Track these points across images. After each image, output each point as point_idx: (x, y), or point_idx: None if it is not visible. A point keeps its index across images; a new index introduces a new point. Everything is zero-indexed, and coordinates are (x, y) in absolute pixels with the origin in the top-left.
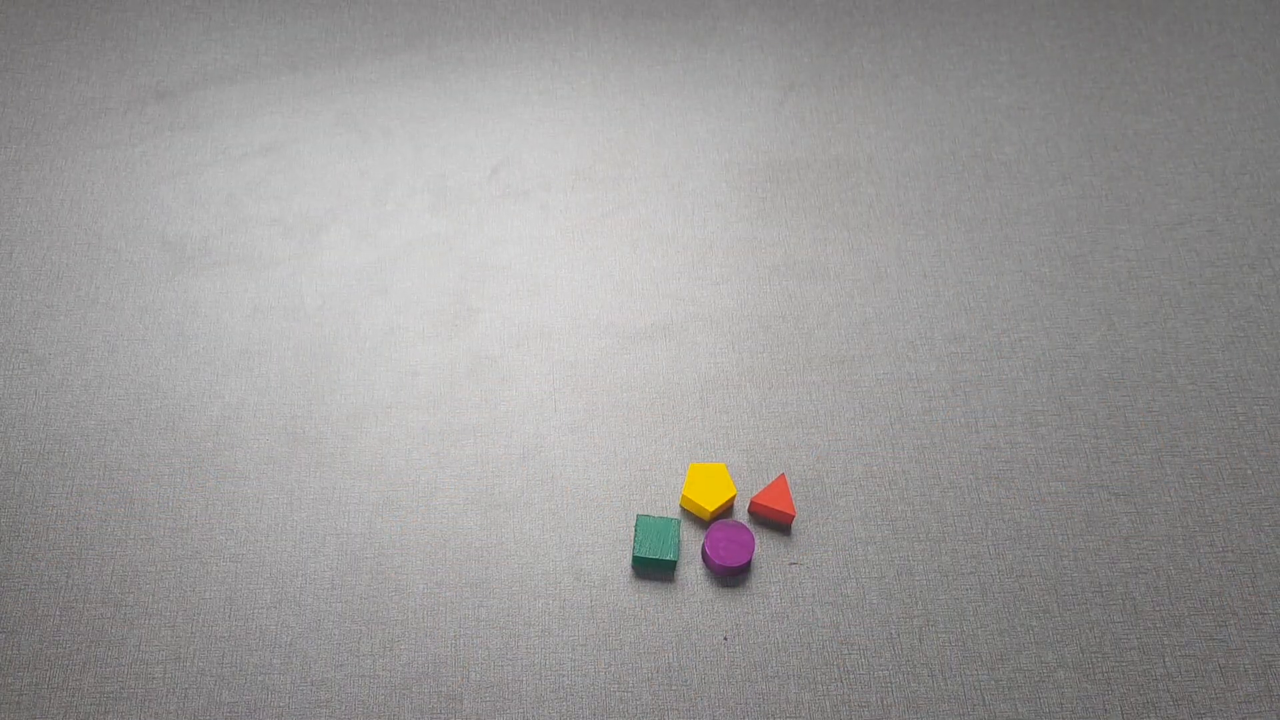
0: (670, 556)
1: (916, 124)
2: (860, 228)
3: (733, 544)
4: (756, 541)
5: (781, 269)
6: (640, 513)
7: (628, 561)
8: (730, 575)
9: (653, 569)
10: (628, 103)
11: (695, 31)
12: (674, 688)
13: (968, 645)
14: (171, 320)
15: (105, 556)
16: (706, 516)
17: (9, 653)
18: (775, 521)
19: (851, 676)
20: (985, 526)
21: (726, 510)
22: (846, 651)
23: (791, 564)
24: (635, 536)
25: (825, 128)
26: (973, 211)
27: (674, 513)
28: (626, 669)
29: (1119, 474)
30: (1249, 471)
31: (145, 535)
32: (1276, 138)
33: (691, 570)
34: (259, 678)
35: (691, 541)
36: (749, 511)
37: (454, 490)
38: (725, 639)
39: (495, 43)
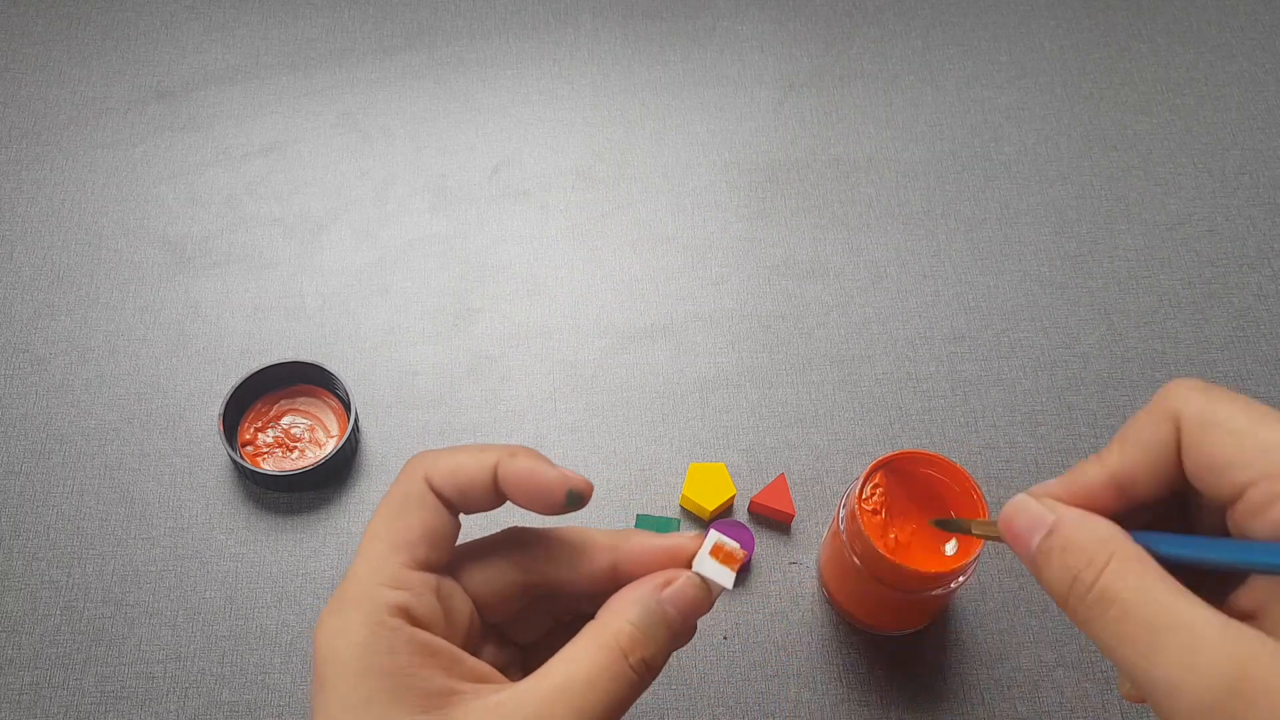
0: None
1: (916, 124)
2: (860, 228)
3: None
4: (756, 541)
5: (781, 269)
6: (640, 512)
7: None
8: None
9: None
10: (628, 103)
11: (695, 32)
12: (673, 687)
13: (967, 644)
14: (172, 320)
15: (106, 556)
16: (706, 516)
17: (10, 652)
18: (775, 521)
19: (851, 676)
20: None
21: (726, 510)
22: (846, 651)
23: (791, 564)
24: None
25: (825, 128)
26: (972, 211)
27: (674, 512)
28: None
29: None
30: None
31: (146, 535)
32: (1276, 137)
33: None
34: (259, 677)
35: None
36: (748, 511)
37: None
38: (725, 638)
39: (496, 43)
